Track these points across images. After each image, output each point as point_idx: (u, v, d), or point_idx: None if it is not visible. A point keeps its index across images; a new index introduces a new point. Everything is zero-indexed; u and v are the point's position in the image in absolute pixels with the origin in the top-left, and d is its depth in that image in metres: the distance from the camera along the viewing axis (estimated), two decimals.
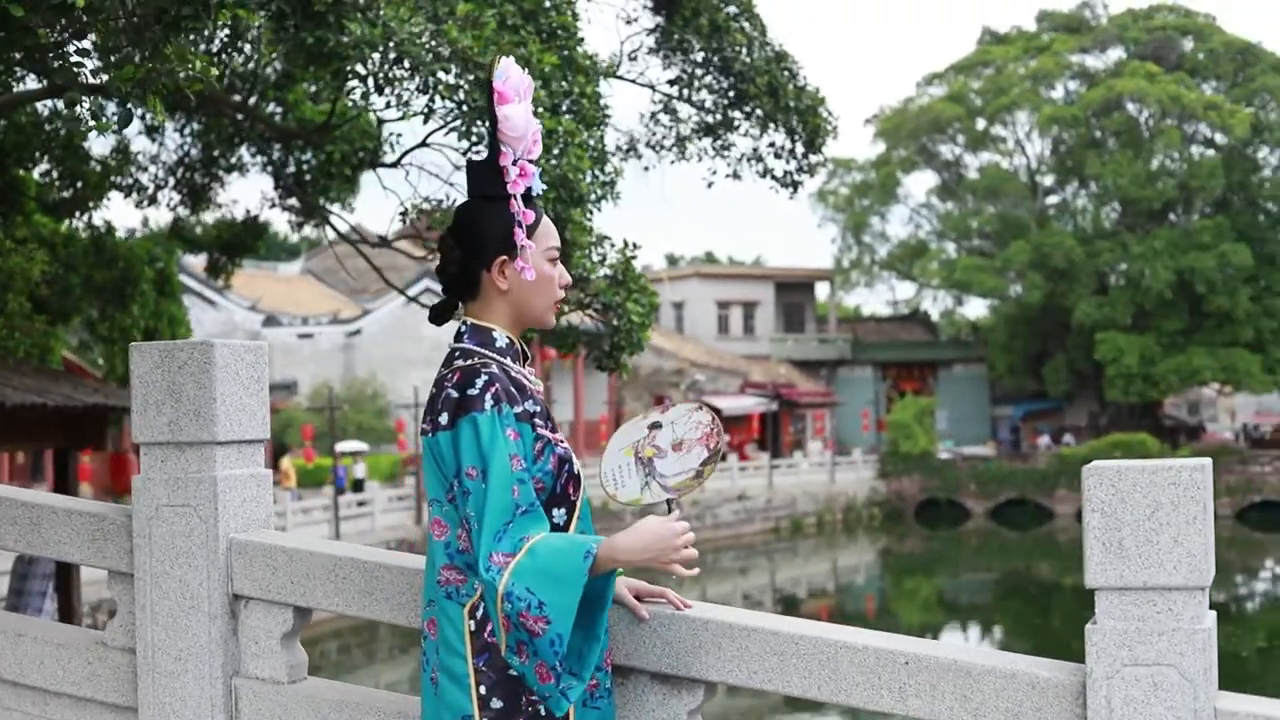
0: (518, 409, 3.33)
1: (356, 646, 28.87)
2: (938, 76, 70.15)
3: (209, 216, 16.00)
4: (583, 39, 10.65)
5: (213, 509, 4.10)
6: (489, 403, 3.27)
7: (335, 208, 14.24)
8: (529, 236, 3.44)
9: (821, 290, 73.74)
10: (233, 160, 14.72)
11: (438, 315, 3.61)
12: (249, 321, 45.42)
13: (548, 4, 10.24)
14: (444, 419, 3.31)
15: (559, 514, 3.40)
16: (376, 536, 33.59)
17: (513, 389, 3.35)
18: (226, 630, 4.13)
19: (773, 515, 51.59)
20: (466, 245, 3.46)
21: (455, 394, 3.31)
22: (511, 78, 3.43)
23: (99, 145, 15.49)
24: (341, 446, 39.46)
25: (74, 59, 5.98)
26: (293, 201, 14.57)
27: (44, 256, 14.43)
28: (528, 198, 3.46)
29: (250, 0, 7.28)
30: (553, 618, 3.16)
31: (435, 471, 3.36)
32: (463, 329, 3.48)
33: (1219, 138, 62.67)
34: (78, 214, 15.22)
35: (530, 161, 3.47)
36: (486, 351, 3.41)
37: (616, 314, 10.34)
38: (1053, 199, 68.06)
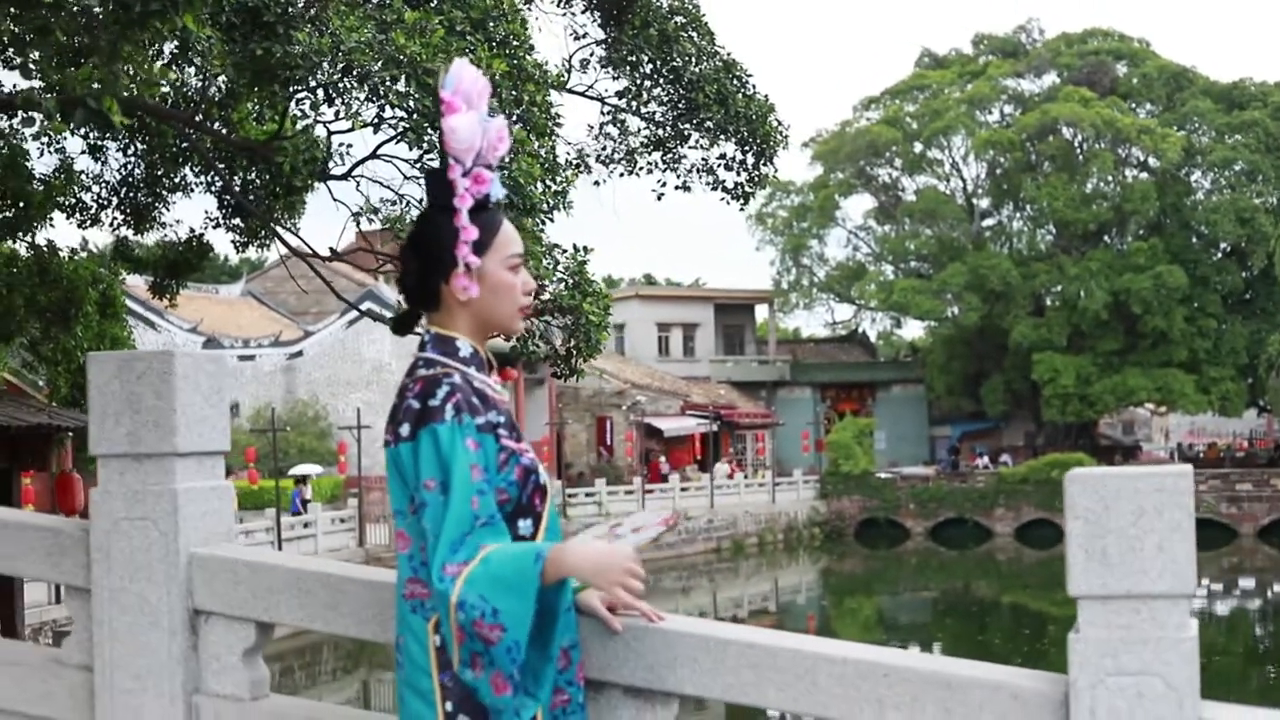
0: (480, 420, 3.25)
1: (300, 668, 28.58)
2: (874, 100, 70.64)
3: (152, 237, 15.81)
4: (532, 47, 10.58)
5: (173, 522, 3.99)
6: (450, 413, 3.19)
7: (281, 226, 14.10)
8: (488, 245, 3.35)
9: (761, 312, 73.95)
10: (176, 180, 14.55)
11: (400, 325, 3.54)
12: (190, 344, 44.91)
13: (496, 12, 10.16)
14: (405, 430, 3.22)
15: (525, 525, 3.32)
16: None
17: (475, 399, 3.27)
18: (187, 646, 4.01)
19: (714, 535, 51.59)
20: (424, 256, 3.37)
21: (416, 404, 3.22)
22: (463, 83, 3.31)
23: (42, 164, 15.30)
24: (296, 470, 39.12)
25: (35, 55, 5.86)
26: (237, 221, 14.41)
27: None
28: (484, 205, 3.37)
29: (207, 5, 7.18)
30: (508, 625, 3.08)
31: (398, 483, 3.28)
32: (426, 339, 3.40)
33: (1152, 161, 63.36)
34: (20, 234, 14.99)
35: (488, 166, 3.38)
36: (450, 361, 3.32)
37: (573, 316, 10.29)
38: (989, 221, 68.58)
